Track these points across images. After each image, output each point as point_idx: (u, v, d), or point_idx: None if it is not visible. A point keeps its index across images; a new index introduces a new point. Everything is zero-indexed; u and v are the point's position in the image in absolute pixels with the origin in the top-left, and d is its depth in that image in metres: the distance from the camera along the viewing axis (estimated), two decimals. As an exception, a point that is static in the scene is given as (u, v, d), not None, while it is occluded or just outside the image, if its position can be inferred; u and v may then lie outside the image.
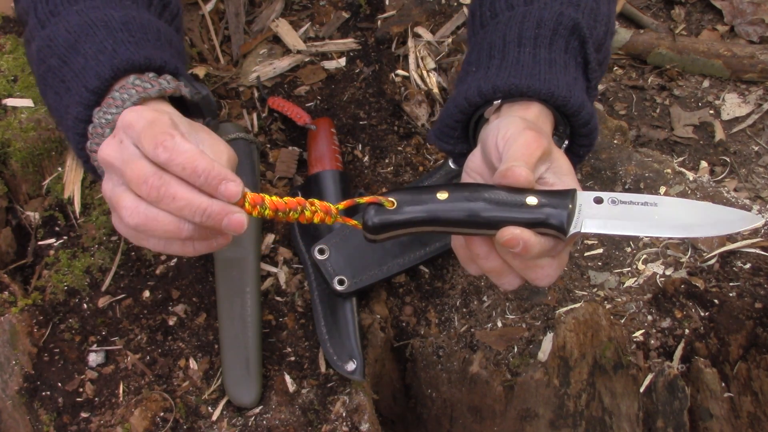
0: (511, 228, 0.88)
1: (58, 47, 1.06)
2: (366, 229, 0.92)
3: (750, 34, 1.92)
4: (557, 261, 0.93)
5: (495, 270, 0.95)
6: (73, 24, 1.07)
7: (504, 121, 1.00)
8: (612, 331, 1.21)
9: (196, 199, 0.86)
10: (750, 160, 1.68)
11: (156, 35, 1.10)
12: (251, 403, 1.21)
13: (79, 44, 1.05)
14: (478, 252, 0.95)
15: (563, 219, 0.88)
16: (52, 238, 1.37)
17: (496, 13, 1.16)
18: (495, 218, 0.89)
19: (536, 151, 0.93)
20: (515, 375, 1.22)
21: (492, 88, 1.04)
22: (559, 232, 0.89)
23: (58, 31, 1.07)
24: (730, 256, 1.30)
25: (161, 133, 0.87)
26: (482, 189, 0.92)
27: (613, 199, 0.92)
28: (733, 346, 1.20)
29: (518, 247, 0.88)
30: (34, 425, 1.21)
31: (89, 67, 1.03)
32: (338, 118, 1.55)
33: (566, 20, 1.09)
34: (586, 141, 1.09)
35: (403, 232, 0.93)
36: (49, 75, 1.07)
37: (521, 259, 0.92)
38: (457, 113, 1.08)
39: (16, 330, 1.26)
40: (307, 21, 1.73)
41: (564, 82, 1.04)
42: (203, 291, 1.32)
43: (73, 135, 1.04)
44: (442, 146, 1.14)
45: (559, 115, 1.06)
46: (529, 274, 0.93)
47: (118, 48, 1.04)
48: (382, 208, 0.91)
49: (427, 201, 0.91)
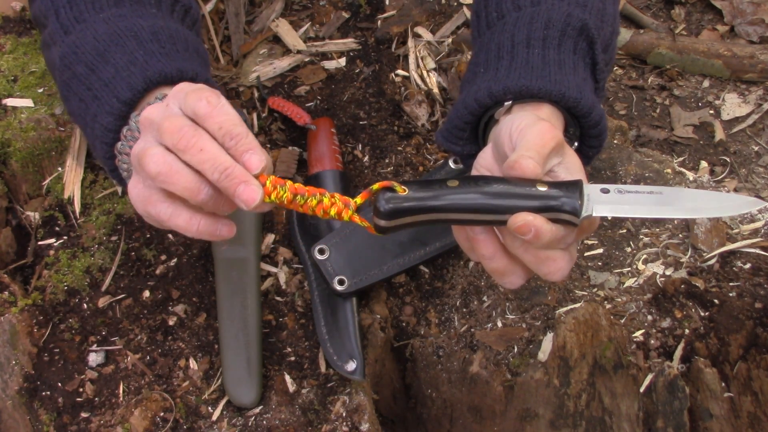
0: (524, 214, 0.87)
1: (85, 55, 1.06)
2: (378, 215, 0.90)
3: (750, 34, 1.92)
4: (568, 254, 0.93)
5: (499, 270, 0.95)
6: (101, 33, 1.07)
7: (518, 115, 1.00)
8: (612, 331, 1.21)
9: (221, 156, 0.87)
10: (750, 160, 1.68)
11: (184, 45, 1.11)
12: (251, 403, 1.21)
13: (108, 54, 1.05)
14: (484, 253, 0.94)
15: (575, 203, 0.88)
16: (52, 238, 1.37)
17: (503, 13, 1.15)
18: (506, 204, 0.88)
19: (550, 142, 0.93)
20: (515, 375, 1.22)
21: (503, 89, 1.04)
22: (572, 216, 0.88)
23: (86, 39, 1.07)
24: (730, 256, 1.30)
25: (210, 93, 0.89)
26: (492, 178, 0.91)
27: (619, 189, 0.93)
28: (733, 346, 1.20)
29: (530, 234, 0.87)
30: (34, 425, 1.21)
31: (121, 78, 1.03)
32: (338, 118, 1.56)
33: (574, 21, 1.09)
34: (596, 142, 1.09)
35: (414, 219, 0.91)
36: (74, 82, 1.07)
37: (533, 254, 0.91)
38: (467, 114, 1.08)
39: (16, 330, 1.26)
40: (307, 21, 1.73)
41: (574, 83, 1.04)
42: (203, 291, 1.32)
43: (100, 144, 1.05)
44: (450, 147, 1.14)
45: (569, 117, 1.06)
46: (541, 268, 0.92)
47: (149, 59, 1.04)
48: (395, 194, 0.90)
49: (438, 188, 0.90)
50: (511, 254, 0.94)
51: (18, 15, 1.65)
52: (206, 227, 0.92)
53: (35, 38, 1.60)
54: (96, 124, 1.05)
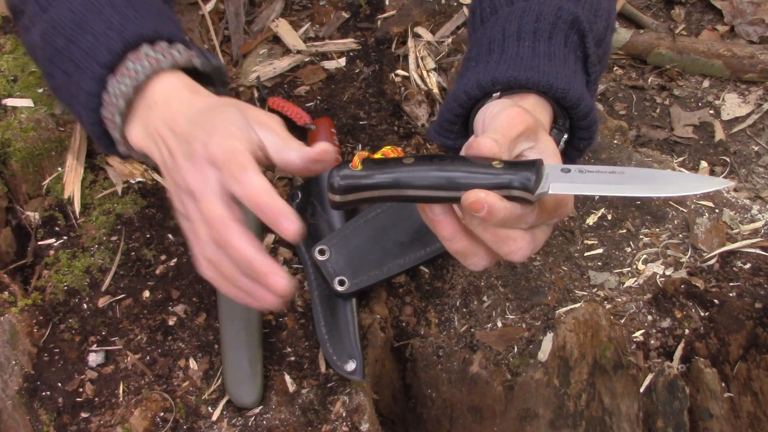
0: (476, 191, 0.86)
1: (63, 27, 1.07)
2: (332, 191, 0.92)
3: (750, 34, 1.92)
4: (530, 235, 0.92)
5: (461, 251, 0.94)
6: (76, 4, 1.08)
7: (495, 101, 1.00)
8: (612, 331, 1.21)
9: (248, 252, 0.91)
10: (750, 160, 1.68)
11: (158, 10, 1.12)
12: (253, 403, 1.21)
13: (85, 23, 1.06)
14: (444, 234, 0.94)
15: (529, 179, 0.87)
16: (52, 238, 1.37)
17: (495, 9, 1.16)
18: (459, 181, 0.88)
19: (518, 126, 0.92)
20: (515, 375, 1.22)
21: (491, 80, 1.04)
22: (524, 192, 0.87)
23: (62, 12, 1.08)
24: (730, 256, 1.30)
25: (238, 166, 0.92)
26: (448, 157, 0.91)
27: (580, 169, 0.91)
28: (733, 346, 1.20)
29: (483, 211, 0.86)
30: (34, 425, 1.21)
31: (99, 43, 1.04)
32: (338, 118, 1.56)
33: (565, 14, 1.09)
34: (586, 134, 1.09)
35: (368, 195, 0.92)
36: (57, 56, 1.08)
37: (492, 232, 0.90)
38: (457, 107, 1.09)
39: (16, 330, 1.26)
40: (307, 21, 1.73)
41: (563, 75, 1.04)
42: (203, 291, 1.32)
43: (86, 111, 1.06)
44: (442, 141, 1.14)
45: (558, 108, 1.07)
46: (501, 247, 0.91)
47: (125, 23, 1.05)
48: (350, 170, 0.91)
49: (393, 165, 0.91)
50: (473, 235, 0.93)
51: (18, 15, 1.65)
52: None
53: (35, 38, 1.60)
54: (80, 91, 1.06)
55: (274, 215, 0.89)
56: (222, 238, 0.91)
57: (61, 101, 1.20)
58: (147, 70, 1.02)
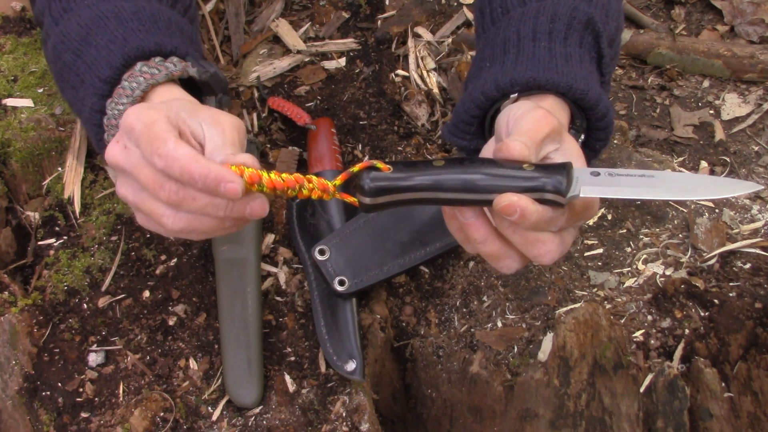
0: (509, 194, 0.86)
1: (71, 42, 1.07)
2: (363, 193, 0.90)
3: (750, 34, 1.92)
4: (559, 238, 0.92)
5: (493, 254, 0.94)
6: (84, 17, 1.08)
7: (517, 104, 1.00)
8: (612, 331, 1.21)
9: (215, 200, 0.87)
10: (750, 160, 1.67)
11: (167, 23, 1.11)
12: (253, 403, 1.21)
13: (90, 36, 1.06)
14: (476, 237, 0.93)
15: (561, 182, 0.87)
16: (52, 238, 1.37)
17: (507, 9, 1.16)
18: (491, 183, 0.87)
19: (544, 128, 0.92)
20: (515, 375, 1.22)
21: (510, 81, 1.04)
22: (556, 195, 0.87)
23: (71, 26, 1.08)
24: (730, 256, 1.30)
25: (156, 140, 0.86)
26: (478, 159, 0.91)
27: (610, 172, 0.91)
28: (733, 346, 1.20)
29: (515, 215, 0.86)
30: (34, 425, 1.21)
31: (101, 58, 1.04)
32: (338, 118, 1.56)
33: (580, 15, 1.09)
34: (603, 134, 1.09)
35: (399, 197, 0.90)
36: (65, 70, 1.08)
37: (522, 235, 0.90)
38: (474, 108, 1.08)
39: (16, 330, 1.26)
40: (307, 21, 1.73)
41: (581, 76, 1.04)
42: (203, 291, 1.32)
43: (91, 127, 1.05)
44: (457, 142, 1.14)
45: (576, 109, 1.06)
46: (531, 250, 0.91)
47: (128, 37, 1.05)
48: (380, 173, 0.89)
49: (423, 167, 0.90)
50: (504, 238, 0.93)
51: (18, 15, 1.65)
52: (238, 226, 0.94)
53: (35, 38, 1.60)
54: (84, 107, 1.05)
55: (211, 182, 0.85)
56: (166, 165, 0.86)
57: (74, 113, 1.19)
58: (142, 86, 1.01)
